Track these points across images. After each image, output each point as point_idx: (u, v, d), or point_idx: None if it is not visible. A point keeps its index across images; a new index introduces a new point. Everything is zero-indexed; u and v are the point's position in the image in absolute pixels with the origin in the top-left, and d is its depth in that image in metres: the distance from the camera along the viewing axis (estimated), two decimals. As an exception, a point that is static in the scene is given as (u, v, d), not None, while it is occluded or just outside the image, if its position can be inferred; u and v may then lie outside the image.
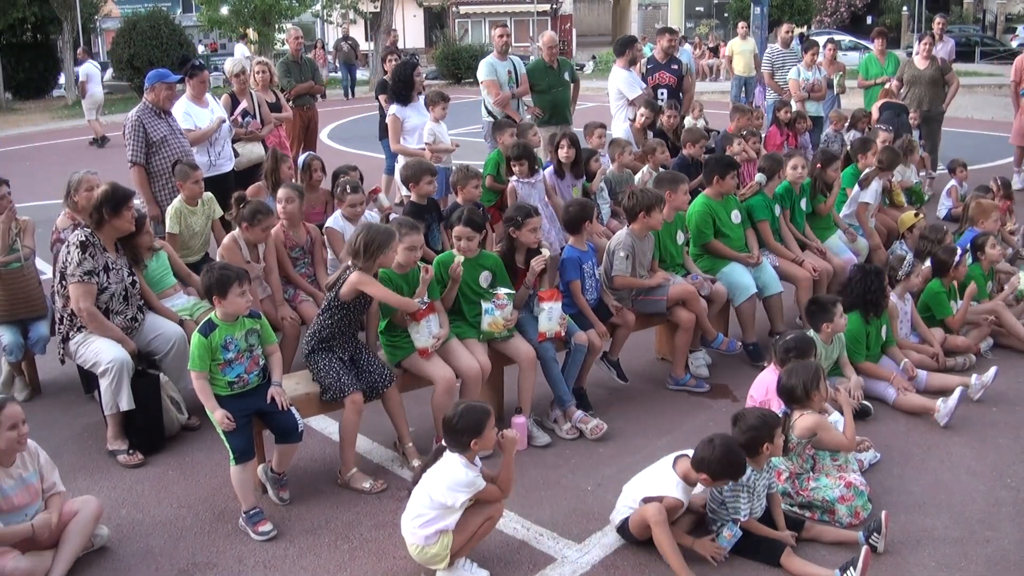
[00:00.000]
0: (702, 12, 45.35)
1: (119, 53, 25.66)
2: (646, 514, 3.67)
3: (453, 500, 3.56)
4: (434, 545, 3.60)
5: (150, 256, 5.27)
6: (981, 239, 6.28)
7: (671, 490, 3.73)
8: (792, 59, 11.28)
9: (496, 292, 4.79)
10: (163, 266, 5.37)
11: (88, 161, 13.06)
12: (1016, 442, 4.75)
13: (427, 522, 3.59)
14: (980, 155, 11.63)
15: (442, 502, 3.57)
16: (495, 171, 7.23)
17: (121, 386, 4.63)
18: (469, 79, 25.72)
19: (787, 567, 3.69)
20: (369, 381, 4.46)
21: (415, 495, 3.67)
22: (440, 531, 3.59)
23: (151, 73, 6.81)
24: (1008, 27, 37.48)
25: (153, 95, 6.67)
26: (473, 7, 43.25)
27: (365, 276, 4.31)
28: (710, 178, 6.00)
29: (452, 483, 3.56)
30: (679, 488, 3.73)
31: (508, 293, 4.81)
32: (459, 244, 4.81)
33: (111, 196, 4.83)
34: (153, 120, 6.61)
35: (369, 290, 4.34)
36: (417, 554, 3.66)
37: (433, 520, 3.58)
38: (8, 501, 3.58)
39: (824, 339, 5.00)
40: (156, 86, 6.66)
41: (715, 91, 21.33)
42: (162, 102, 6.69)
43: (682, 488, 3.73)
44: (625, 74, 9.23)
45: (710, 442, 3.67)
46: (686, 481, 3.74)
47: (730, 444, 3.67)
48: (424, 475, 3.68)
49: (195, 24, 34.33)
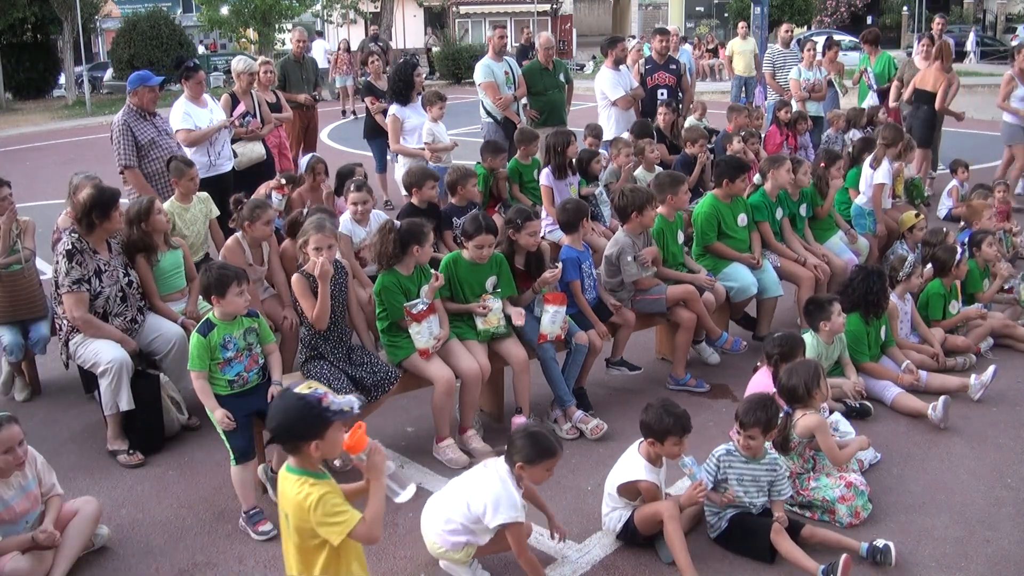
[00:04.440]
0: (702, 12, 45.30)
1: (119, 53, 25.72)
2: (660, 509, 3.68)
3: (490, 518, 3.39)
4: (458, 552, 3.55)
5: (166, 249, 5.19)
6: (979, 236, 6.29)
7: (640, 473, 3.75)
8: (793, 59, 11.28)
9: (481, 296, 4.84)
10: (176, 265, 5.28)
11: (88, 161, 13.06)
12: (1016, 442, 4.75)
13: (457, 532, 3.52)
14: (980, 155, 11.61)
15: (478, 515, 3.43)
16: (518, 179, 7.30)
17: (121, 386, 4.63)
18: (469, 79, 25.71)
19: (777, 545, 3.70)
20: (371, 381, 4.46)
21: (451, 496, 3.58)
22: (468, 543, 3.53)
23: (132, 76, 6.76)
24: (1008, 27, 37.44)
25: (136, 99, 6.64)
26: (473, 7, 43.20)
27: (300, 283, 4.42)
28: (720, 180, 6.00)
29: (495, 500, 3.41)
30: (646, 470, 3.75)
31: (493, 294, 4.87)
32: (481, 252, 4.81)
33: (98, 199, 4.82)
34: (139, 123, 6.59)
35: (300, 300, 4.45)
36: (436, 551, 3.63)
37: (463, 533, 3.50)
38: (10, 511, 3.58)
39: (824, 339, 5.01)
40: (139, 90, 6.63)
41: (715, 91, 21.32)
42: (146, 105, 6.67)
43: (648, 469, 3.76)
44: (610, 74, 9.24)
45: (645, 409, 3.75)
46: (648, 460, 3.77)
47: (662, 402, 3.74)
48: (463, 477, 3.62)
49: (195, 24, 34.33)
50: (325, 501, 2.81)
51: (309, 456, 2.87)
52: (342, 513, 2.84)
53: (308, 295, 4.45)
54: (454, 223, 6.11)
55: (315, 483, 2.86)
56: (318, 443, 2.86)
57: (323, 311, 4.40)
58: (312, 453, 2.86)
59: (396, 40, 29.51)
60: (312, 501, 2.81)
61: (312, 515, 2.82)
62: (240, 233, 5.32)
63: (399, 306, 4.57)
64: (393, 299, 4.60)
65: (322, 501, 2.80)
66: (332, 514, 2.82)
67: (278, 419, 2.92)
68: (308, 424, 2.85)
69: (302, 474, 2.88)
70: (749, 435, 3.81)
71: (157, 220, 5.07)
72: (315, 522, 2.82)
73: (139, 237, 5.02)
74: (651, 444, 3.74)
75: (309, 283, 4.46)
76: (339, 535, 2.82)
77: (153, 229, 5.07)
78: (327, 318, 4.45)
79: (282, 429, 2.91)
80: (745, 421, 3.80)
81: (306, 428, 2.85)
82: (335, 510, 2.83)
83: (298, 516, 2.86)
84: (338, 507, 2.84)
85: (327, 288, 4.39)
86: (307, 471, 2.90)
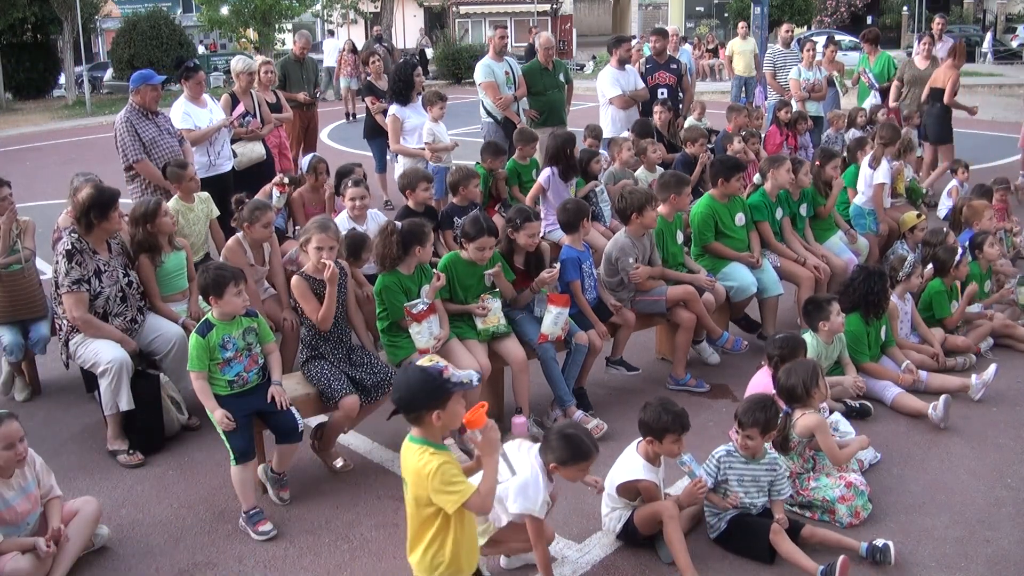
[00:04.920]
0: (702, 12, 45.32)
1: (119, 53, 25.71)
2: (659, 509, 3.68)
3: (511, 503, 3.35)
4: (480, 525, 3.47)
5: (170, 249, 5.20)
6: (980, 238, 6.29)
7: (638, 472, 3.75)
8: (793, 59, 11.28)
9: (480, 296, 4.85)
10: (179, 267, 5.28)
11: (88, 161, 13.07)
12: (1016, 442, 4.75)
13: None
14: (981, 155, 11.62)
15: (502, 496, 3.35)
16: (516, 179, 7.29)
17: (121, 386, 4.63)
18: (469, 79, 25.71)
19: (776, 546, 3.70)
20: (371, 382, 4.46)
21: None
22: (488, 520, 3.44)
23: (135, 75, 6.78)
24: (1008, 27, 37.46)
25: (139, 97, 6.66)
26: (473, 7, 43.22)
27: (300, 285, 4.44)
28: (715, 180, 6.00)
29: (521, 487, 3.35)
30: (644, 469, 3.75)
31: (492, 294, 4.88)
32: (482, 254, 4.81)
33: (97, 199, 4.82)
34: (142, 121, 6.61)
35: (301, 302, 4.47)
36: None
37: None
38: (11, 511, 3.59)
39: (824, 338, 5.01)
40: (141, 88, 6.65)
41: (715, 91, 21.33)
42: (148, 103, 6.68)
43: (647, 468, 3.76)
44: (611, 73, 9.24)
45: (644, 407, 3.75)
46: (647, 459, 3.77)
47: (660, 401, 3.74)
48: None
49: (195, 24, 34.33)
50: (444, 471, 2.95)
51: (431, 426, 3.02)
52: (459, 483, 2.96)
53: (309, 297, 4.45)
54: (455, 223, 6.12)
55: (435, 452, 3.01)
56: (439, 413, 3.01)
57: (329, 312, 4.42)
58: (434, 423, 3.02)
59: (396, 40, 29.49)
60: (431, 469, 2.94)
61: (430, 482, 2.95)
62: (241, 233, 5.33)
63: (400, 306, 4.57)
64: (394, 298, 4.60)
65: (440, 470, 2.94)
66: (449, 483, 2.95)
67: (402, 390, 3.08)
68: (431, 394, 3.01)
69: (423, 443, 3.03)
70: (747, 435, 3.81)
71: (163, 222, 5.08)
72: (432, 489, 2.95)
73: (144, 237, 5.03)
74: (649, 443, 3.74)
75: (310, 285, 4.46)
76: (455, 504, 2.95)
77: (158, 230, 5.08)
78: (331, 319, 4.46)
79: (406, 400, 3.05)
80: (743, 421, 3.80)
81: (428, 398, 3.01)
82: (453, 480, 2.96)
83: (417, 484, 3.02)
84: (456, 477, 2.98)
85: (335, 290, 4.41)
86: (428, 441, 3.04)
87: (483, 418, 3.01)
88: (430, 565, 3.10)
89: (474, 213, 5.44)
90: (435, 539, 3.07)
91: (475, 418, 3.00)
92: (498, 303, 4.88)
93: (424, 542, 3.09)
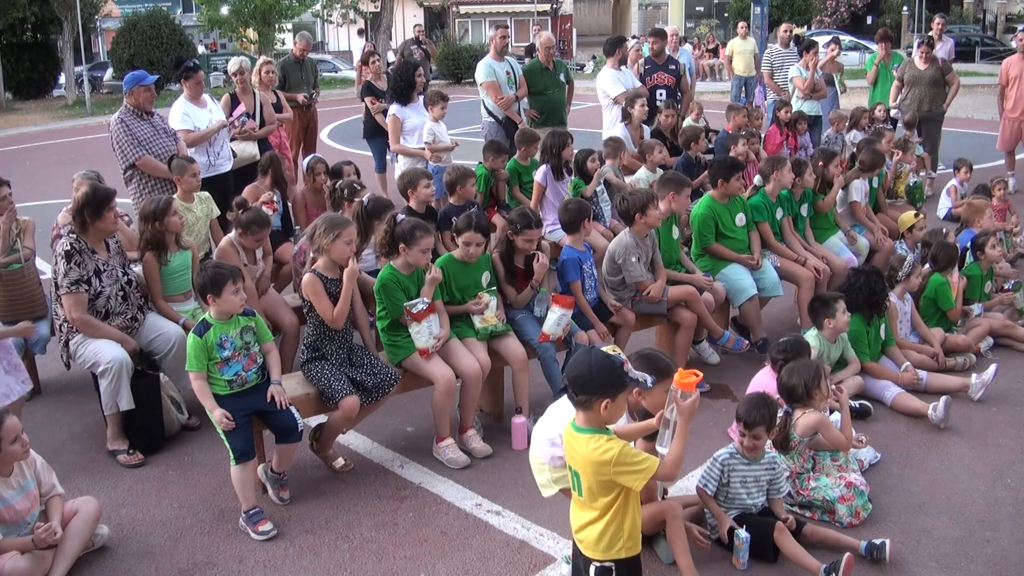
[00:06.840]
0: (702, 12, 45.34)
1: (119, 53, 25.68)
2: (662, 508, 3.67)
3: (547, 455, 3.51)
4: (556, 471, 3.56)
5: (177, 249, 5.19)
6: (982, 239, 6.28)
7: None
8: (792, 59, 11.28)
9: (477, 295, 4.85)
10: (185, 267, 5.25)
11: (88, 161, 13.06)
12: (1016, 442, 4.75)
13: (556, 443, 3.47)
14: (980, 155, 11.61)
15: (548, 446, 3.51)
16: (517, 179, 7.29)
17: (120, 386, 4.63)
18: (469, 79, 25.72)
19: (780, 544, 3.69)
20: (371, 383, 4.45)
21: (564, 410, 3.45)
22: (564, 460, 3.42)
23: (128, 77, 6.78)
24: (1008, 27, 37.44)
25: (133, 98, 6.66)
26: (473, 7, 43.23)
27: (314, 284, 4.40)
28: (715, 180, 6.00)
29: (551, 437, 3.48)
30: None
31: (489, 292, 4.89)
32: (468, 250, 4.82)
33: (91, 198, 4.81)
34: (136, 122, 6.61)
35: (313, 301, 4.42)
36: (536, 463, 3.66)
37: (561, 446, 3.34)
38: (11, 510, 3.59)
39: (828, 336, 5.01)
40: (135, 90, 6.65)
41: (715, 91, 21.33)
42: (142, 104, 6.68)
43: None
44: (611, 73, 9.25)
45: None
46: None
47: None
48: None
49: (195, 24, 34.34)
50: (625, 453, 2.94)
51: (597, 413, 2.97)
52: (643, 460, 2.94)
53: (322, 295, 4.42)
54: (452, 223, 6.11)
55: (610, 438, 2.99)
56: (608, 403, 2.95)
57: (344, 310, 4.44)
58: (601, 411, 2.96)
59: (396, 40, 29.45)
60: (613, 455, 2.92)
61: (612, 468, 2.93)
62: (234, 234, 5.33)
63: (399, 303, 4.57)
64: (393, 295, 4.60)
65: (622, 453, 2.93)
66: (634, 463, 2.93)
67: (581, 370, 2.98)
68: (608, 382, 2.95)
69: (593, 432, 2.99)
70: (754, 435, 3.79)
71: (172, 221, 5.08)
72: (615, 472, 2.93)
73: (152, 235, 5.03)
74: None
75: (323, 283, 4.46)
76: (643, 479, 2.94)
77: (167, 229, 5.08)
78: (345, 317, 4.48)
79: (583, 380, 2.97)
80: (749, 420, 3.78)
81: (606, 385, 2.94)
82: (636, 459, 2.94)
83: (595, 471, 2.97)
84: (637, 455, 2.96)
85: (352, 288, 4.43)
86: (596, 429, 3.00)
87: (693, 385, 2.98)
88: (609, 543, 3.07)
89: (471, 210, 5.45)
90: (613, 519, 3.05)
91: (687, 384, 2.97)
92: (495, 300, 4.87)
93: (602, 524, 3.07)
